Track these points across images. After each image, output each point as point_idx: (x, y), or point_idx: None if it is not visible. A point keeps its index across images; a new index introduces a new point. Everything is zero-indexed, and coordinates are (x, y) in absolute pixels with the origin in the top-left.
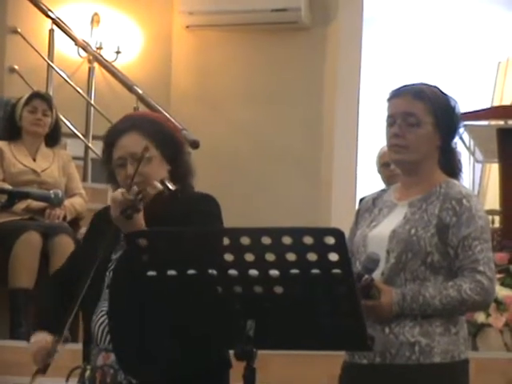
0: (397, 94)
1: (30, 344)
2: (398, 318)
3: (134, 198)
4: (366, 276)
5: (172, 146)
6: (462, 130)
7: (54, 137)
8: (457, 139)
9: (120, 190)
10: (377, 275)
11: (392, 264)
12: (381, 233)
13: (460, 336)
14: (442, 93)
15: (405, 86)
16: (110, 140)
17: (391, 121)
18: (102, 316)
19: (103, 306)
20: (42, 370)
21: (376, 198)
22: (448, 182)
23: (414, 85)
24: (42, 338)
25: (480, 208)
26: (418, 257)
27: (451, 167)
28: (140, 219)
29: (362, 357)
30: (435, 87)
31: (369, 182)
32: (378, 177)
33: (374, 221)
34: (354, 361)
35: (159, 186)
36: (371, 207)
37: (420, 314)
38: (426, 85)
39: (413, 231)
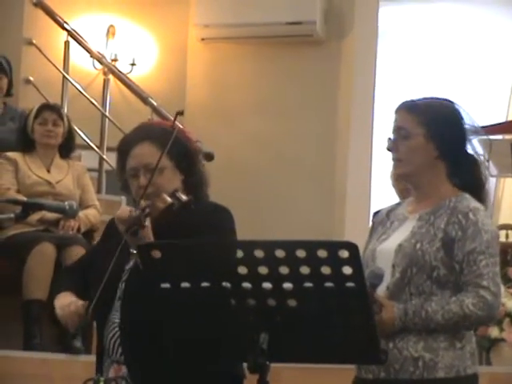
0: (395, 111)
1: (59, 306)
2: (402, 333)
3: (138, 215)
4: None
5: (186, 155)
6: (475, 141)
7: (67, 147)
8: (470, 150)
9: (127, 208)
10: (382, 289)
11: (397, 279)
12: (388, 246)
13: (466, 351)
14: (445, 105)
15: (404, 102)
16: (124, 149)
17: (390, 137)
18: (113, 328)
19: (115, 318)
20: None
21: (390, 211)
22: (458, 195)
23: (412, 100)
24: (69, 300)
25: (487, 222)
26: (423, 271)
27: (465, 181)
28: (147, 234)
29: (367, 372)
30: (440, 99)
31: (383, 195)
32: (393, 190)
33: (384, 234)
34: (361, 376)
35: (168, 199)
36: (385, 220)
37: (424, 329)
38: (432, 98)
39: (418, 245)
